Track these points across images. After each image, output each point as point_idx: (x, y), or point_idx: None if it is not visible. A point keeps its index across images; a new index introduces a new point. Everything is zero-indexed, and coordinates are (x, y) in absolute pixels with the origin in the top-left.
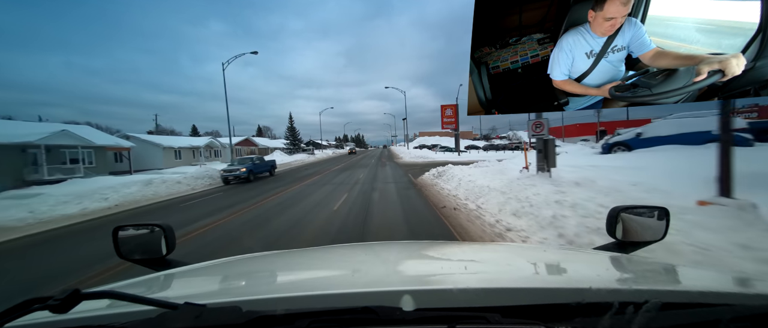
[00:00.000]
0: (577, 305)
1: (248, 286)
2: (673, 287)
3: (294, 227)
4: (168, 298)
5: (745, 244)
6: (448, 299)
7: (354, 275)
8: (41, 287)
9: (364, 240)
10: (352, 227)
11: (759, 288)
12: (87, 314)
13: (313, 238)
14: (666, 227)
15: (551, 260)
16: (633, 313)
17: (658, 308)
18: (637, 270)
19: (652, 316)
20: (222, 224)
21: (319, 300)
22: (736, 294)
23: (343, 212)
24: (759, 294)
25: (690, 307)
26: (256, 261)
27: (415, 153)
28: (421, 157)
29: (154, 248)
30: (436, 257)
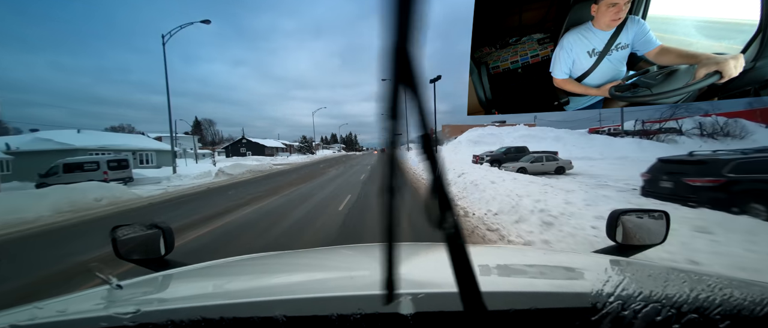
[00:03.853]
0: (576, 309)
1: (245, 287)
2: (673, 291)
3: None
4: (167, 300)
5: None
6: (447, 302)
7: (353, 278)
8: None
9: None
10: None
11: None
12: (87, 315)
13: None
14: (666, 230)
15: (551, 263)
16: (633, 317)
17: (658, 312)
18: (638, 273)
19: (652, 320)
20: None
21: (317, 303)
22: (737, 298)
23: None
24: (760, 299)
25: (690, 311)
26: (254, 262)
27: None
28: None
29: (153, 249)
30: (435, 260)
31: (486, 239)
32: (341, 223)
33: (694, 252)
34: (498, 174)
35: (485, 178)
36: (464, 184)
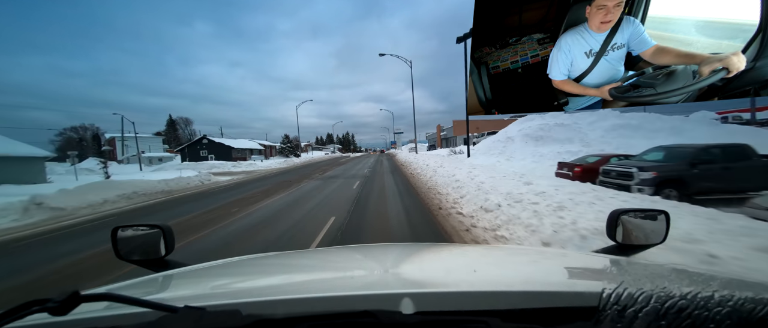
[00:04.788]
0: (577, 308)
1: (247, 288)
2: (673, 291)
3: None
4: (167, 300)
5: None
6: (447, 302)
7: (353, 277)
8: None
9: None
10: None
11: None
12: (86, 316)
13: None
14: (666, 230)
15: (551, 263)
16: (634, 316)
17: (658, 312)
18: (637, 273)
19: (652, 319)
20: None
21: (318, 302)
22: (737, 297)
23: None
24: (760, 298)
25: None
26: (255, 262)
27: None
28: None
29: (153, 249)
30: (435, 259)
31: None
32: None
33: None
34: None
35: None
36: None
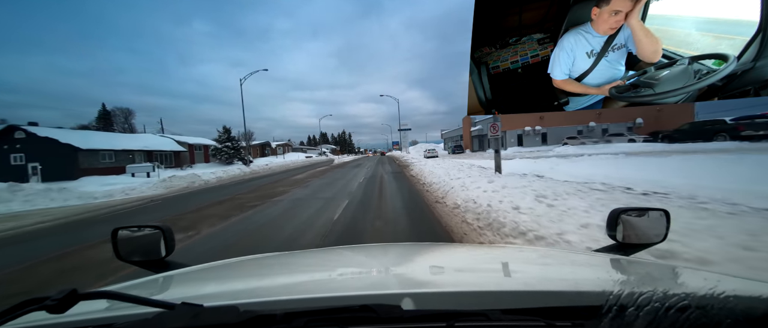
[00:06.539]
0: (578, 308)
1: (246, 288)
2: (674, 290)
3: None
4: (166, 299)
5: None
6: (447, 301)
7: (353, 278)
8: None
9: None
10: None
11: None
12: (84, 316)
13: None
14: (667, 228)
15: (551, 262)
16: (633, 316)
17: (658, 311)
18: (638, 272)
19: (652, 318)
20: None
21: (317, 303)
22: (738, 297)
23: None
24: (760, 297)
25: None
26: (254, 263)
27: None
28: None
29: (154, 250)
30: (435, 260)
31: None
32: None
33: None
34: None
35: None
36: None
